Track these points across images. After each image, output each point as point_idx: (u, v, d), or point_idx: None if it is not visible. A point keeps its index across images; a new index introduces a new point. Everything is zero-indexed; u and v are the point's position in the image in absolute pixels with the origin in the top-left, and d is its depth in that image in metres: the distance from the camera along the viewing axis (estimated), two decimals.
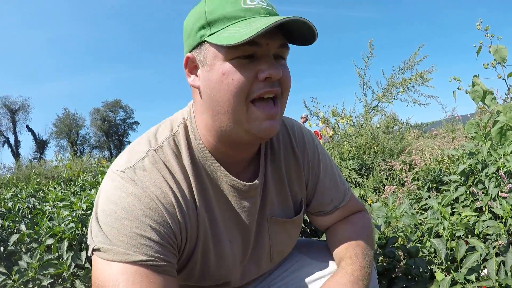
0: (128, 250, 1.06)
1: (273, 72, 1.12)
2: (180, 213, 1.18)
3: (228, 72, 1.11)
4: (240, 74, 1.11)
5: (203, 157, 1.27)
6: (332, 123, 8.67)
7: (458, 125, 7.01)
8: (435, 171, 3.65)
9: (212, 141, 1.26)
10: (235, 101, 1.12)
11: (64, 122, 52.46)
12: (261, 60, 1.13)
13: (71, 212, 2.57)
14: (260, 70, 1.12)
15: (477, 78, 3.04)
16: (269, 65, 1.12)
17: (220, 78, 1.12)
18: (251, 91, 1.13)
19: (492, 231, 2.08)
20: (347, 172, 5.50)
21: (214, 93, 1.15)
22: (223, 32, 1.11)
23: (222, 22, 1.12)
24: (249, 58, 1.12)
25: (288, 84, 1.21)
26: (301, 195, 1.53)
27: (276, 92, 1.16)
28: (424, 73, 9.97)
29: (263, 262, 1.48)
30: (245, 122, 1.15)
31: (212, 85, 1.15)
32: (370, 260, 1.41)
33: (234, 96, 1.12)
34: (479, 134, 3.04)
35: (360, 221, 1.59)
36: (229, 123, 1.17)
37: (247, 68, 1.12)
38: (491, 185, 2.36)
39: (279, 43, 1.15)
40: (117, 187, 1.14)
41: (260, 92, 1.13)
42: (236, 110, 1.14)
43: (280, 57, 1.18)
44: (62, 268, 2.19)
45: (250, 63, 1.12)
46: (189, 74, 1.24)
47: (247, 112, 1.14)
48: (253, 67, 1.12)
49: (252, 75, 1.12)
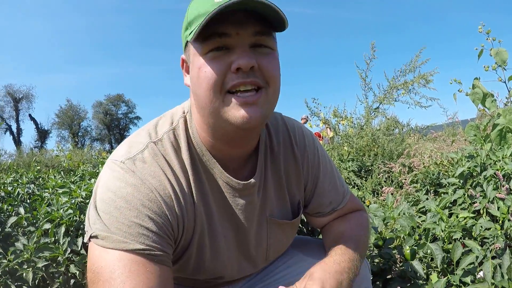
0: (126, 239, 1.06)
1: (241, 62, 1.09)
2: (177, 206, 1.18)
3: (202, 65, 1.12)
4: (213, 66, 1.11)
5: (200, 152, 1.28)
6: (333, 124, 8.66)
7: (459, 129, 7.02)
8: (433, 174, 3.65)
9: (207, 137, 1.26)
10: (210, 93, 1.12)
11: (66, 114, 52.73)
12: (234, 50, 1.11)
13: (70, 199, 2.58)
14: (232, 61, 1.11)
15: (478, 81, 3.04)
16: (240, 55, 1.10)
17: (197, 73, 1.13)
18: (225, 82, 1.12)
19: (489, 234, 2.08)
20: (346, 174, 5.49)
21: (195, 89, 1.17)
22: (195, 29, 1.10)
23: (197, 20, 1.10)
24: (223, 50, 1.11)
25: (272, 73, 1.17)
26: (299, 196, 1.52)
27: (252, 82, 1.13)
28: (427, 75, 9.96)
29: (258, 260, 1.48)
30: (222, 113, 1.13)
31: (193, 81, 1.17)
32: (361, 255, 1.41)
33: (208, 89, 1.12)
34: (479, 137, 3.04)
35: (356, 218, 1.58)
36: (210, 117, 1.17)
37: (220, 60, 1.11)
38: (489, 188, 2.36)
39: (251, 31, 1.12)
40: (116, 177, 1.15)
41: (233, 83, 1.11)
42: (212, 102, 1.13)
43: (262, 45, 1.15)
44: (58, 253, 2.20)
45: (224, 55, 1.12)
46: (185, 74, 1.28)
47: (223, 101, 1.13)
48: (226, 58, 1.11)
49: (225, 66, 1.11)
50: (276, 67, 1.19)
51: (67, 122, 52.50)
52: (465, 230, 2.17)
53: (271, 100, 1.20)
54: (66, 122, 52.49)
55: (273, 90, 1.19)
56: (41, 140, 49.86)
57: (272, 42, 1.18)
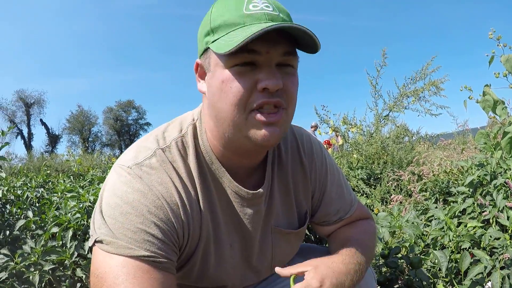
0: (131, 245, 1.06)
1: (270, 84, 1.08)
2: (184, 214, 1.18)
3: (227, 80, 1.09)
4: (239, 83, 1.09)
5: (209, 161, 1.27)
6: (342, 131, 8.64)
7: (469, 137, 6.96)
8: (443, 182, 3.62)
9: (218, 146, 1.25)
10: (234, 109, 1.10)
11: (77, 119, 52.97)
12: (262, 68, 1.10)
13: (78, 203, 2.59)
14: (259, 79, 1.09)
15: (488, 88, 3.00)
16: (268, 75, 1.09)
17: (220, 86, 1.11)
18: (250, 101, 1.10)
19: (498, 244, 2.06)
20: (355, 182, 5.47)
21: (215, 100, 1.14)
22: (222, 39, 1.09)
23: (223, 28, 1.10)
24: (249, 66, 1.09)
25: (294, 95, 1.17)
26: (306, 206, 1.51)
27: (276, 102, 1.12)
28: (437, 82, 9.92)
29: (263, 270, 1.47)
30: (244, 129, 1.13)
31: (213, 92, 1.14)
32: (367, 260, 1.39)
33: (233, 105, 1.10)
34: (489, 145, 3.01)
35: (363, 225, 1.57)
36: (230, 130, 1.15)
37: (246, 77, 1.09)
38: (499, 197, 2.34)
39: (282, 51, 1.11)
40: (123, 182, 1.14)
41: (258, 103, 1.10)
42: (235, 118, 1.12)
43: (287, 65, 1.14)
44: (65, 256, 2.22)
45: (250, 71, 1.10)
46: (198, 79, 1.25)
47: (246, 119, 1.12)
48: (252, 76, 1.09)
49: (251, 84, 1.09)
50: (297, 88, 1.19)
51: (77, 127, 52.76)
52: (473, 239, 2.15)
53: (289, 120, 1.20)
54: (76, 127, 52.76)
55: (292, 110, 1.19)
56: (51, 145, 50.11)
57: (296, 61, 1.18)
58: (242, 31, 1.06)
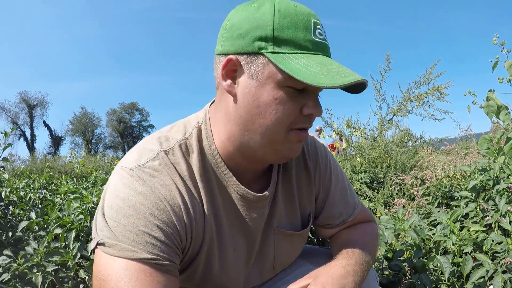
0: (134, 247, 1.05)
1: (317, 113, 1.15)
2: (187, 216, 1.17)
3: (280, 99, 1.10)
4: (290, 105, 1.11)
5: (214, 164, 1.25)
6: (346, 135, 8.64)
7: (472, 142, 6.96)
8: (446, 187, 3.62)
9: (231, 150, 1.23)
10: (278, 127, 1.13)
11: (80, 121, 53.03)
12: (310, 95, 1.14)
13: (81, 205, 2.59)
14: (305, 105, 1.13)
15: (492, 93, 3.00)
16: (315, 103, 1.15)
17: (270, 102, 1.10)
18: (294, 122, 1.14)
19: (500, 248, 2.06)
20: (358, 185, 5.47)
21: (258, 112, 1.12)
22: (291, 59, 1.07)
23: (290, 46, 1.09)
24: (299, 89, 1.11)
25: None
26: (310, 208, 1.51)
27: (310, 126, 1.20)
28: (441, 87, 9.93)
29: (265, 272, 1.47)
30: (279, 145, 1.16)
31: (257, 104, 1.12)
32: (368, 260, 1.39)
33: (278, 124, 1.12)
34: (492, 150, 3.00)
35: (364, 227, 1.57)
36: (261, 142, 1.17)
37: (296, 100, 1.12)
38: (501, 202, 2.34)
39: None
40: (125, 184, 1.13)
41: (300, 126, 1.16)
42: (275, 134, 1.14)
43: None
44: (68, 257, 2.22)
45: (299, 95, 1.12)
46: (225, 77, 1.17)
47: (285, 137, 1.15)
48: (301, 100, 1.13)
49: (299, 107, 1.13)
50: None
51: (81, 129, 52.81)
52: (476, 244, 2.15)
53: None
54: (80, 129, 52.81)
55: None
56: (54, 147, 50.15)
57: None
58: (315, 61, 1.08)
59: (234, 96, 1.16)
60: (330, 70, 1.05)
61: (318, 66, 1.06)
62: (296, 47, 1.09)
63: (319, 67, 1.06)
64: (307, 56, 1.08)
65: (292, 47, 1.09)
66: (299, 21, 1.10)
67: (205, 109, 1.32)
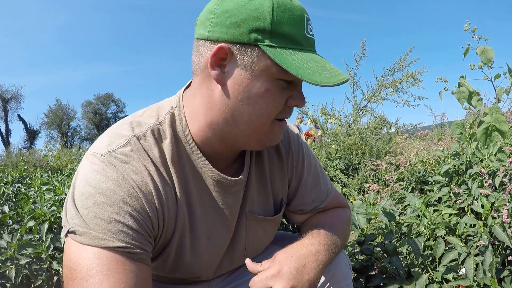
0: (105, 235, 1.03)
1: (301, 103, 1.20)
2: (159, 203, 1.15)
3: (272, 91, 1.11)
4: (279, 97, 1.13)
5: (189, 150, 1.24)
6: (321, 122, 8.68)
7: (447, 129, 7.04)
8: (419, 172, 3.66)
9: (209, 135, 1.22)
10: (265, 119, 1.15)
11: (55, 113, 52.36)
12: (296, 87, 1.17)
13: (54, 196, 2.57)
14: (291, 96, 1.16)
15: (464, 79, 3.04)
16: (300, 95, 1.18)
17: (262, 94, 1.10)
18: (279, 113, 1.17)
19: (472, 231, 2.09)
20: (334, 172, 5.50)
21: (247, 103, 1.12)
22: (287, 54, 1.07)
23: (286, 41, 1.08)
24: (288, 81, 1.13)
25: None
26: (282, 193, 1.51)
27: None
28: (415, 73, 10.03)
29: (236, 258, 1.47)
30: (263, 134, 1.19)
31: (249, 95, 1.11)
32: (335, 241, 1.38)
33: (267, 115, 1.14)
34: (464, 135, 3.04)
35: (335, 212, 1.57)
36: (245, 132, 1.17)
37: (284, 92, 1.15)
38: (474, 185, 2.37)
39: None
40: (96, 171, 1.10)
41: (284, 115, 1.20)
42: (260, 125, 1.16)
43: None
44: (41, 249, 2.20)
45: (287, 87, 1.14)
46: (213, 65, 1.13)
47: (269, 128, 1.18)
48: (289, 92, 1.16)
49: (285, 99, 1.16)
50: None
51: (56, 122, 52.16)
52: (448, 227, 2.17)
53: None
54: (55, 122, 52.16)
55: None
56: (30, 141, 49.53)
57: None
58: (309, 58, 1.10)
59: (223, 85, 1.13)
60: (324, 69, 1.09)
61: (313, 63, 1.09)
62: (291, 42, 1.10)
63: (314, 65, 1.08)
64: (302, 52, 1.11)
65: (288, 42, 1.09)
66: (295, 16, 1.11)
67: (178, 94, 1.30)
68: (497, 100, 3.24)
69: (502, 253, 2.07)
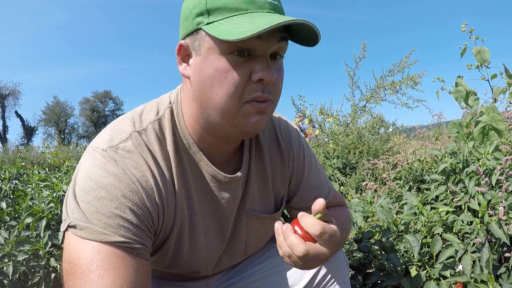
0: (106, 230, 1.03)
1: (266, 75, 1.07)
2: (159, 198, 1.16)
3: (222, 69, 1.07)
4: (235, 73, 1.07)
5: (186, 144, 1.25)
6: (319, 121, 8.68)
7: (444, 129, 7.06)
8: (417, 170, 3.66)
9: (198, 130, 1.23)
10: (228, 100, 1.08)
11: (53, 110, 52.31)
12: (257, 59, 1.08)
13: (51, 193, 2.57)
14: (254, 70, 1.08)
15: (461, 79, 3.05)
16: (264, 67, 1.08)
17: (214, 74, 1.08)
18: (245, 92, 1.09)
19: (469, 228, 2.10)
20: (331, 171, 5.51)
21: (206, 87, 1.10)
22: (222, 24, 1.05)
23: (222, 12, 1.06)
24: (245, 54, 1.07)
25: (280, 88, 1.18)
26: (283, 191, 1.51)
27: (266, 98, 1.12)
28: (415, 77, 10.03)
29: (237, 255, 1.48)
30: (234, 118, 1.12)
31: (203, 78, 1.10)
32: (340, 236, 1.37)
33: (227, 96, 1.08)
34: (461, 134, 3.05)
35: (337, 210, 1.57)
36: (217, 118, 1.13)
37: (242, 67, 1.07)
38: (471, 184, 2.37)
39: (277, 39, 1.09)
40: (97, 166, 1.11)
41: (253, 96, 1.09)
42: (228, 108, 1.10)
43: (278, 54, 1.14)
44: (39, 246, 2.20)
45: (245, 61, 1.07)
46: (180, 62, 1.18)
47: (238, 110, 1.11)
48: (248, 66, 1.08)
49: (246, 74, 1.08)
50: (283, 81, 1.19)
51: (53, 119, 52.11)
52: (445, 224, 2.18)
53: (273, 110, 1.21)
54: (52, 119, 52.10)
55: (276, 103, 1.20)
56: (27, 137, 49.42)
57: (286, 48, 1.16)
58: (248, 18, 1.04)
59: (188, 77, 1.16)
60: (261, 25, 0.99)
61: (248, 23, 1.02)
62: (228, 11, 1.06)
63: (250, 24, 1.01)
64: (241, 17, 1.05)
65: (225, 13, 1.06)
66: None
67: (177, 89, 1.31)
68: (493, 99, 3.25)
69: (498, 250, 2.08)
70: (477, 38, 3.18)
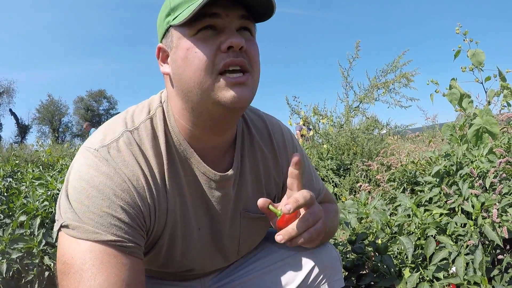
0: (98, 229, 1.04)
1: (234, 40, 1.10)
2: (150, 197, 1.17)
3: (191, 46, 1.11)
4: (203, 46, 1.11)
5: (177, 142, 1.26)
6: (313, 122, 8.68)
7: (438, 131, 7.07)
8: (411, 173, 3.67)
9: (186, 125, 1.24)
10: (201, 74, 1.11)
11: (47, 109, 52.11)
12: (223, 31, 1.12)
13: (46, 191, 2.57)
14: (222, 41, 1.11)
15: (455, 81, 3.07)
16: (230, 35, 1.11)
17: (185, 54, 1.12)
18: (216, 62, 1.11)
19: (462, 230, 2.11)
20: (325, 172, 5.51)
21: (181, 71, 1.14)
22: (183, 13, 1.10)
23: (182, 5, 1.11)
24: (211, 30, 1.12)
25: (256, 58, 1.19)
26: (276, 191, 1.53)
27: (240, 62, 1.13)
28: (408, 74, 10.07)
29: (230, 254, 1.48)
30: (212, 94, 1.12)
31: (178, 64, 1.15)
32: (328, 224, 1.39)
33: (199, 70, 1.11)
34: (455, 137, 3.06)
35: (325, 205, 1.60)
36: (197, 98, 1.15)
37: (210, 41, 1.11)
38: (464, 186, 2.38)
39: (239, 14, 1.13)
40: (89, 165, 1.12)
41: (225, 62, 1.11)
42: (202, 83, 1.11)
43: (246, 29, 1.18)
44: (33, 244, 2.20)
45: (213, 36, 1.12)
46: (161, 64, 1.24)
47: (214, 83, 1.11)
48: (216, 39, 1.12)
49: (215, 47, 1.11)
50: (258, 54, 1.21)
51: (47, 117, 51.92)
52: (439, 227, 2.19)
53: (255, 85, 1.21)
54: (47, 118, 51.91)
55: (256, 75, 1.21)
56: (21, 135, 49.24)
57: (254, 28, 1.21)
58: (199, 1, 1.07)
59: (169, 74, 1.21)
60: None
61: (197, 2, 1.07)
62: (188, 2, 1.11)
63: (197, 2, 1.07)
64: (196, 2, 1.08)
65: (185, 4, 1.11)
66: None
67: (165, 89, 1.33)
68: (487, 102, 3.27)
69: (492, 252, 2.09)
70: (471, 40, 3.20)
